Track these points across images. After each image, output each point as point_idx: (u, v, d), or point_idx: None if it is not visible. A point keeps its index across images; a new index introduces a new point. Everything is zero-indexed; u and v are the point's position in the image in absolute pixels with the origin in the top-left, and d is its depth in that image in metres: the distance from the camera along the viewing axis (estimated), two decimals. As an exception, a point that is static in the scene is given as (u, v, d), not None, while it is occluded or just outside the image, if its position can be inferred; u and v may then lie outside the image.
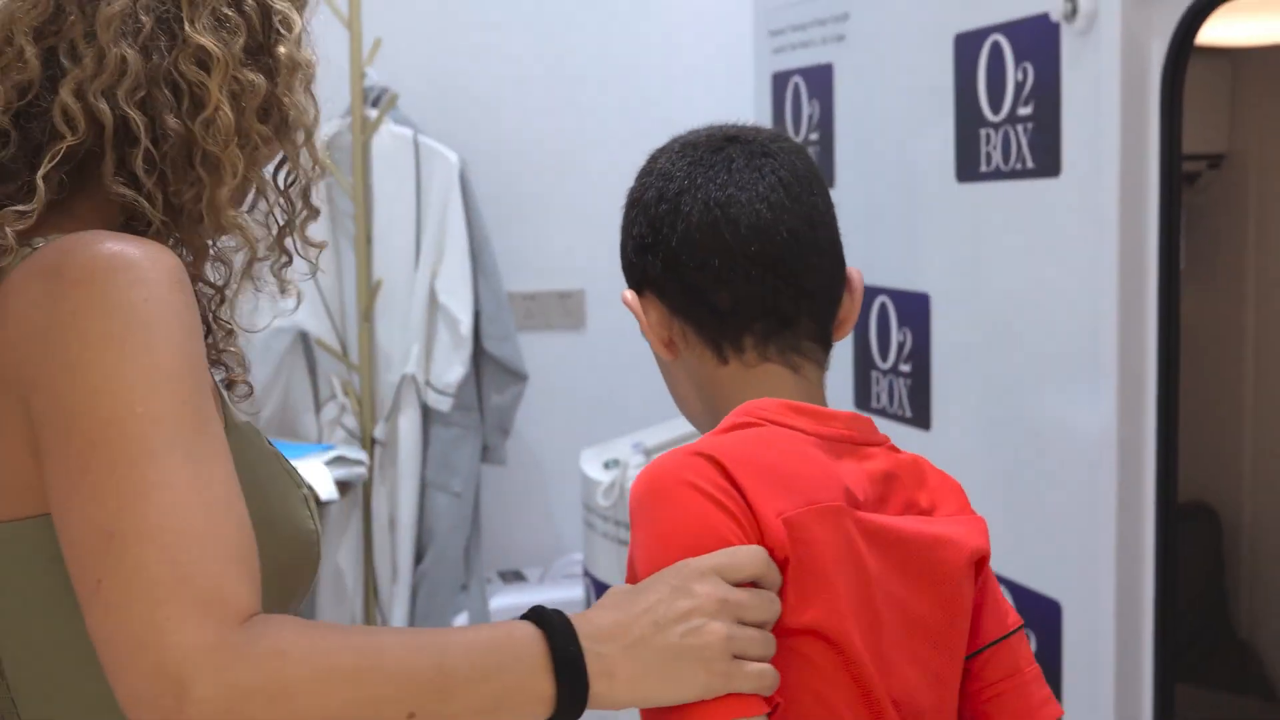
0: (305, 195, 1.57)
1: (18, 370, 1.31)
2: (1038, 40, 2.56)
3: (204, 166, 1.42)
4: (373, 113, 4.09)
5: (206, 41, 1.41)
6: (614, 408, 4.38)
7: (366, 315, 4.12)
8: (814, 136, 3.44)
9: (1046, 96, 2.54)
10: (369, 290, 4.10)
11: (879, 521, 1.73)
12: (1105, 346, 2.41)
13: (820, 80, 3.39)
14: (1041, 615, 2.66)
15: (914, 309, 3.03)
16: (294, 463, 2.82)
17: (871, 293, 3.20)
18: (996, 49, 2.68)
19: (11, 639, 1.42)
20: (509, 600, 4.25)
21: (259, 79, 1.46)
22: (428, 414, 4.20)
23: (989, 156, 2.72)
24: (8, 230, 1.32)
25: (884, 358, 3.17)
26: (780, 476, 1.69)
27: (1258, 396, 4.20)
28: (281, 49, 1.49)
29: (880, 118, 3.17)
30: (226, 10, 1.43)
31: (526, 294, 4.43)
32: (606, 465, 3.52)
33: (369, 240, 4.10)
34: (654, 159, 1.96)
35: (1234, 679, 4.13)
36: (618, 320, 4.11)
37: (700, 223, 1.80)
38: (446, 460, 4.22)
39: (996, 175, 2.71)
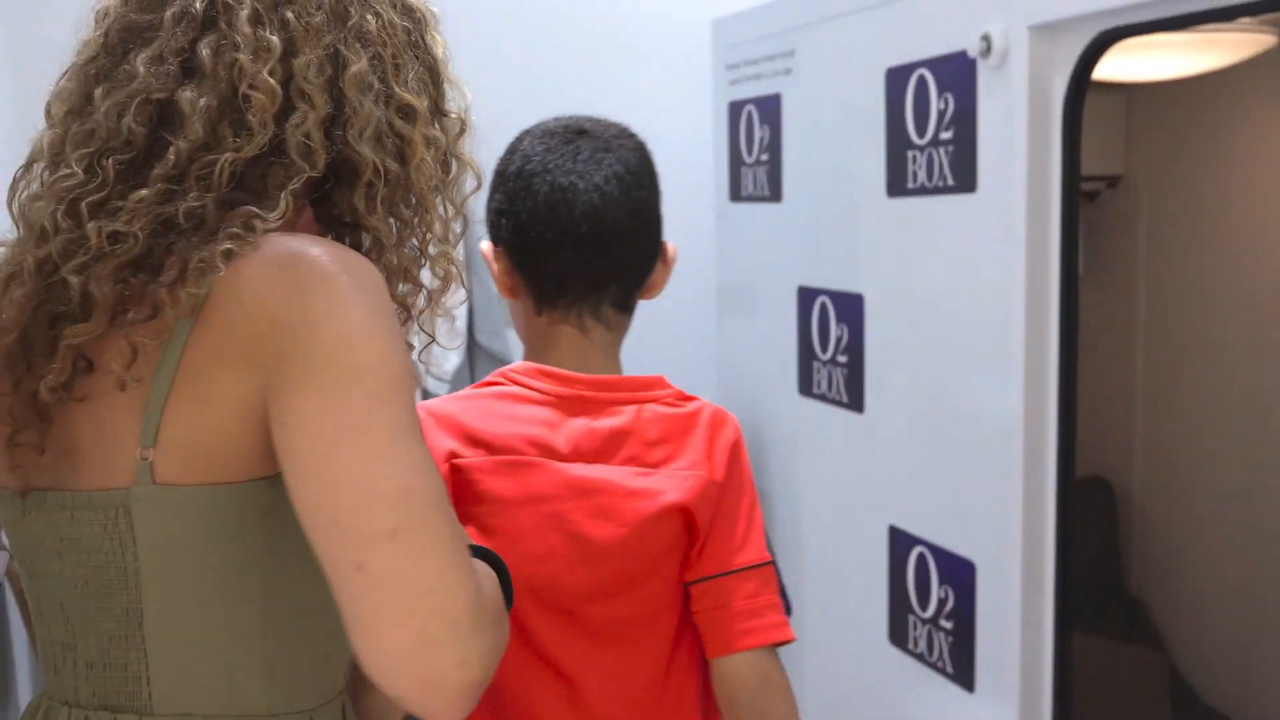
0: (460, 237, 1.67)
1: (261, 346, 1.33)
2: (957, 74, 2.58)
3: (416, 206, 1.54)
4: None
5: (411, 99, 1.52)
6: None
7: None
8: (764, 157, 3.46)
9: (964, 123, 2.57)
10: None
11: (575, 473, 1.98)
12: (1014, 341, 2.43)
13: (770, 108, 3.40)
14: (959, 573, 2.68)
15: (850, 308, 3.05)
16: None
17: (813, 293, 3.22)
18: (922, 81, 2.70)
19: (175, 599, 1.41)
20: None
21: (440, 134, 1.58)
22: (427, 396, 4.21)
23: (915, 174, 2.74)
24: (257, 229, 1.37)
25: (824, 350, 3.19)
26: (467, 432, 1.97)
27: (1146, 385, 4.27)
28: (452, 111, 1.64)
29: (822, 141, 3.20)
30: (422, 74, 1.56)
31: (515, 292, 4.44)
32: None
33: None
34: (520, 139, 2.22)
35: (1126, 630, 4.19)
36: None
37: (545, 202, 2.06)
38: (444, 436, 4.22)
39: (922, 191, 2.73)
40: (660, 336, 4.70)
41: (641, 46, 4.46)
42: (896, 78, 2.80)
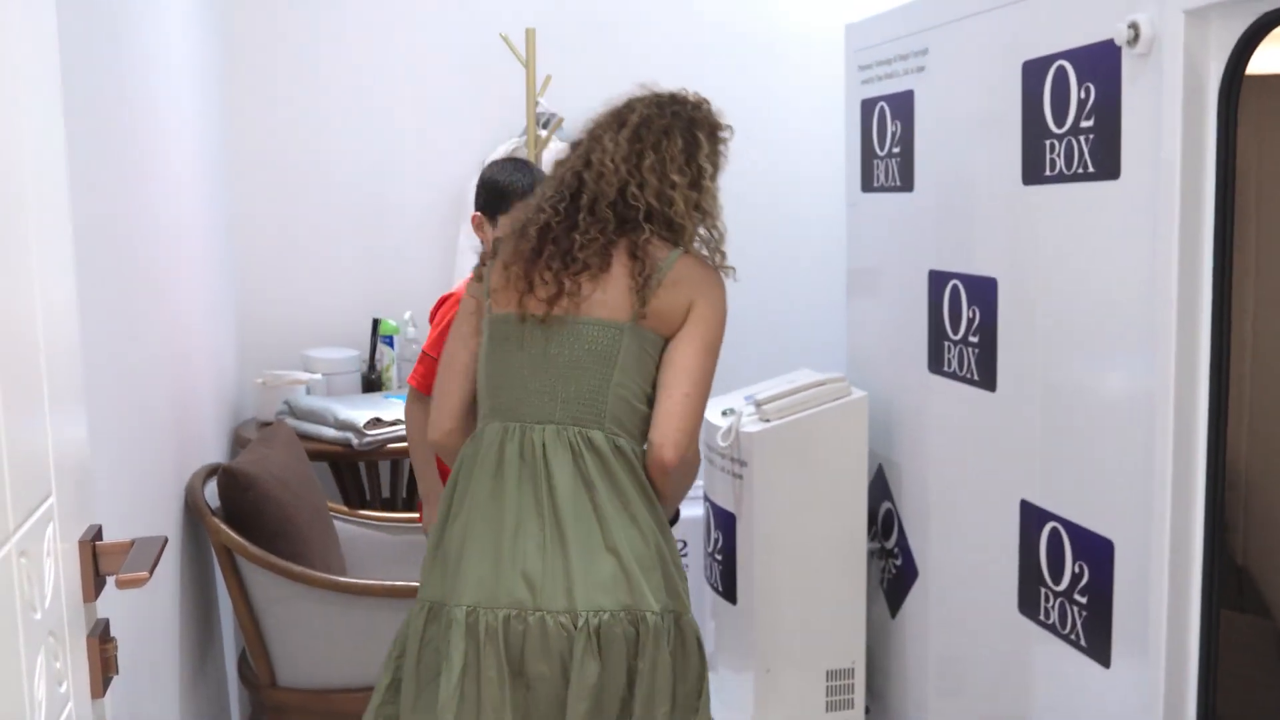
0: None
1: (692, 295, 2.13)
2: (1100, 63, 2.20)
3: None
4: (543, 133, 3.82)
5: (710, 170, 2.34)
6: (729, 368, 4.01)
7: (535, 291, 3.85)
8: (896, 150, 3.09)
9: (1107, 111, 2.19)
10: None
11: None
12: (1164, 324, 2.05)
13: (903, 104, 3.03)
14: (1095, 550, 2.32)
15: (983, 290, 2.68)
16: None
17: (944, 276, 2.86)
18: (1061, 72, 2.32)
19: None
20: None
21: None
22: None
23: (1053, 163, 2.37)
24: (679, 249, 2.19)
25: (955, 330, 2.82)
26: None
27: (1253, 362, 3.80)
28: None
29: (954, 133, 2.82)
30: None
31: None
32: (724, 413, 3.24)
33: (537, 233, 3.83)
34: (489, 166, 2.89)
35: (1234, 599, 3.77)
36: (733, 298, 3.75)
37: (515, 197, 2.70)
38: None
39: (1060, 178, 2.35)
40: (796, 316, 4.42)
41: (782, 51, 4.13)
42: (1034, 69, 2.42)
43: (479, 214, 2.80)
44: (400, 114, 3.99)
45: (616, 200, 2.14)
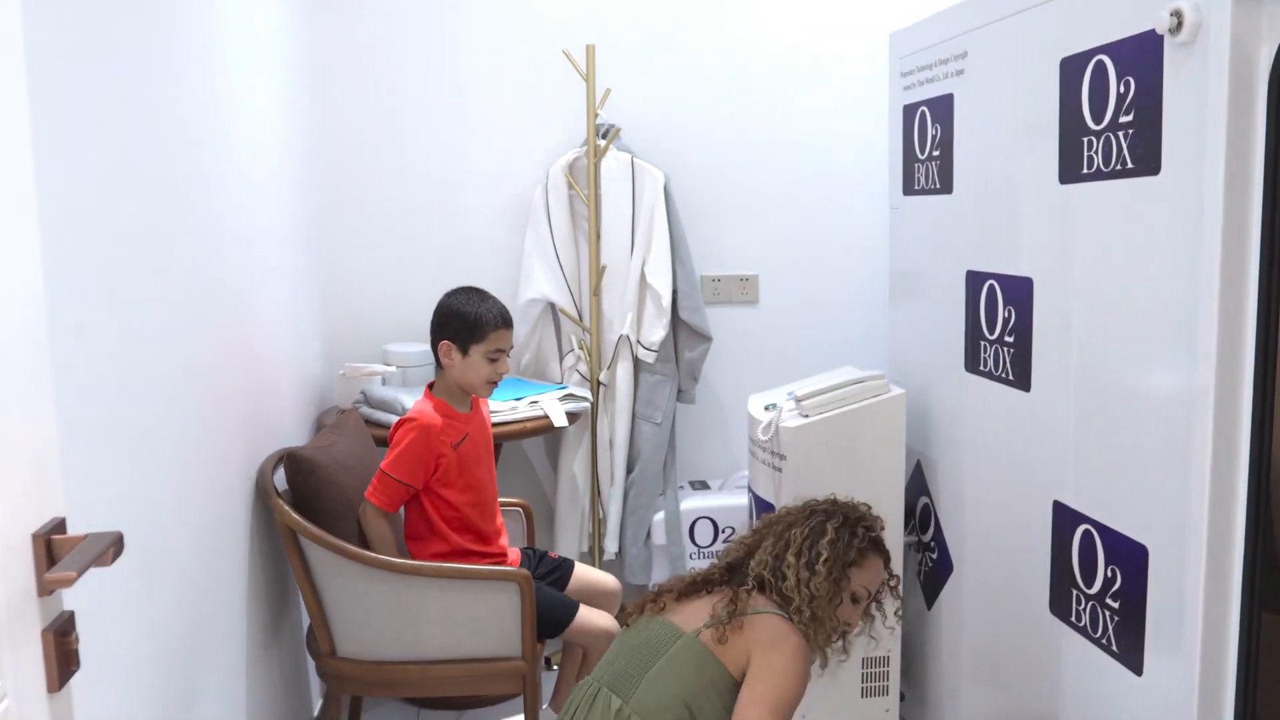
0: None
1: (759, 643, 2.02)
2: (1140, 55, 1.88)
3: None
4: (602, 142, 3.58)
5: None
6: (776, 365, 3.82)
7: (595, 290, 3.61)
8: (936, 153, 2.78)
9: (1147, 105, 1.87)
10: (597, 272, 3.59)
11: None
12: (1205, 324, 1.73)
13: (943, 107, 2.73)
14: (1129, 555, 2.00)
15: (1019, 290, 2.37)
16: (539, 396, 3.09)
17: (982, 277, 2.55)
18: (1100, 66, 2.01)
19: None
20: (695, 503, 3.70)
21: None
22: (637, 364, 3.68)
23: (1090, 160, 2.05)
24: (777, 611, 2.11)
25: (991, 330, 2.52)
26: None
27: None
28: None
29: (993, 134, 2.51)
30: None
31: (714, 277, 3.88)
32: (766, 408, 2.97)
33: (598, 236, 3.60)
34: (449, 295, 2.76)
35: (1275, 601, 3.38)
36: (782, 298, 3.49)
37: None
38: (651, 398, 3.70)
39: (1097, 176, 2.03)
40: (843, 316, 4.15)
41: (827, 61, 3.85)
42: (1072, 66, 2.11)
43: (448, 341, 2.66)
44: (472, 126, 3.77)
45: (764, 576, 2.18)
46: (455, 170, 3.78)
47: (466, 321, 2.65)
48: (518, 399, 3.37)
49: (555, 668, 3.58)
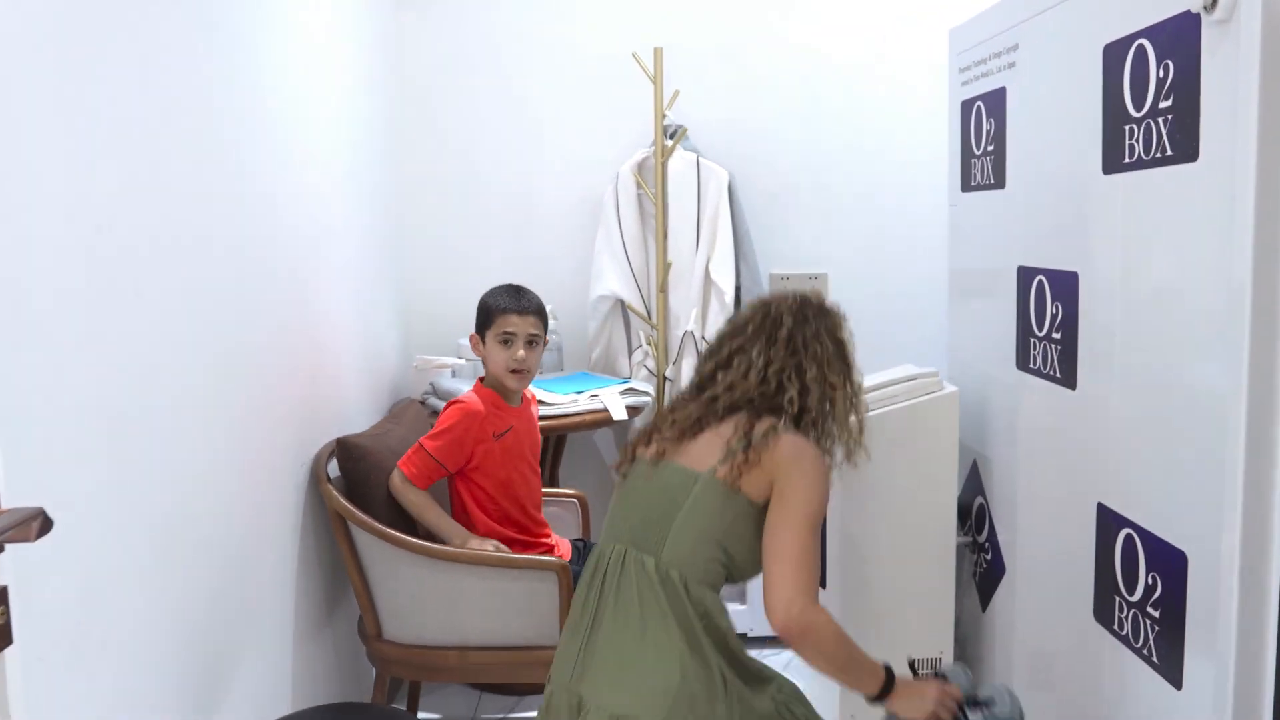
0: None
1: (776, 463, 1.83)
2: (1178, 37, 1.72)
3: None
4: (669, 143, 3.49)
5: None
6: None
7: (662, 287, 3.53)
8: (990, 148, 2.63)
9: (1185, 88, 1.71)
10: (664, 269, 3.51)
11: None
12: (1238, 319, 1.56)
13: (996, 101, 2.57)
14: (1169, 562, 1.84)
15: (1065, 285, 2.21)
16: (600, 390, 3.13)
17: (1031, 272, 2.39)
18: (1140, 51, 1.85)
19: None
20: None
21: None
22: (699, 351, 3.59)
23: (1131, 149, 1.89)
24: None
25: (1040, 327, 2.36)
26: None
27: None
28: None
29: (1041, 127, 2.35)
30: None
31: (783, 274, 3.76)
32: (821, 405, 2.84)
33: (665, 234, 3.51)
34: (488, 292, 2.70)
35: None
36: (850, 296, 3.35)
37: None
38: (715, 395, 3.60)
39: (1138, 165, 1.87)
40: (906, 315, 3.98)
41: (888, 58, 3.70)
42: (1114, 52, 1.95)
43: (475, 334, 2.68)
44: (544, 127, 3.73)
45: (755, 399, 1.95)
46: (528, 169, 3.74)
47: (481, 310, 2.65)
48: (579, 392, 3.30)
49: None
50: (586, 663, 1.87)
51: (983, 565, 2.83)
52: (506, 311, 2.60)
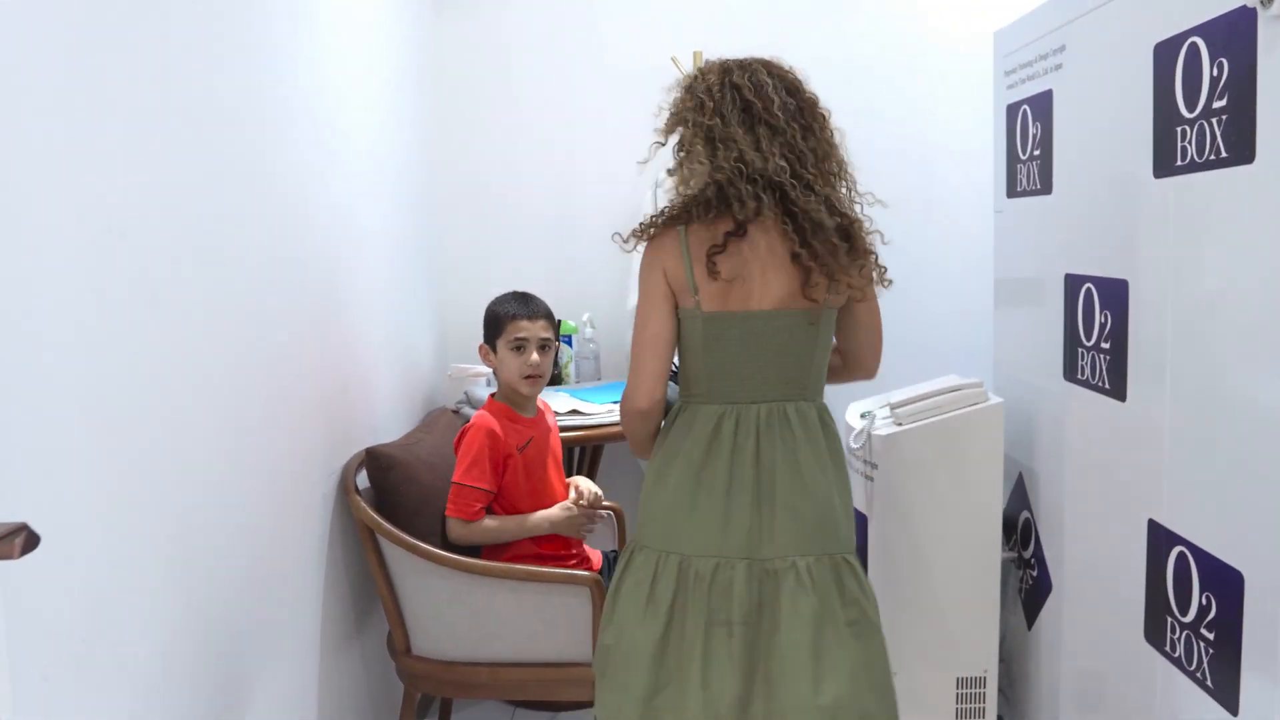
0: None
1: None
2: (1233, 34, 1.65)
3: None
4: (709, 148, 3.43)
5: None
6: (880, 374, 3.57)
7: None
8: (1036, 152, 2.56)
9: (1240, 87, 1.63)
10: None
11: None
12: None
13: (1042, 105, 2.50)
14: (1224, 581, 1.76)
15: (1114, 293, 2.14)
16: None
17: (1079, 280, 2.32)
18: (1193, 50, 1.77)
19: None
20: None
21: None
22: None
23: (1184, 151, 1.82)
24: None
25: (1088, 336, 2.28)
26: None
27: None
28: None
29: (1088, 129, 2.28)
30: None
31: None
32: (862, 415, 2.78)
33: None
34: (494, 301, 2.62)
35: None
36: (887, 306, 3.28)
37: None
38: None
39: (1191, 167, 1.80)
40: (946, 326, 3.90)
41: (933, 64, 3.63)
42: (1165, 51, 1.88)
43: (484, 345, 2.62)
44: (583, 132, 3.70)
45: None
46: (566, 174, 3.71)
47: (489, 319, 2.60)
48: (616, 402, 3.26)
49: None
50: (775, 526, 1.86)
51: (1028, 582, 2.75)
52: (516, 317, 2.56)
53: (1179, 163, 1.83)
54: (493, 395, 2.67)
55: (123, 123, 1.53)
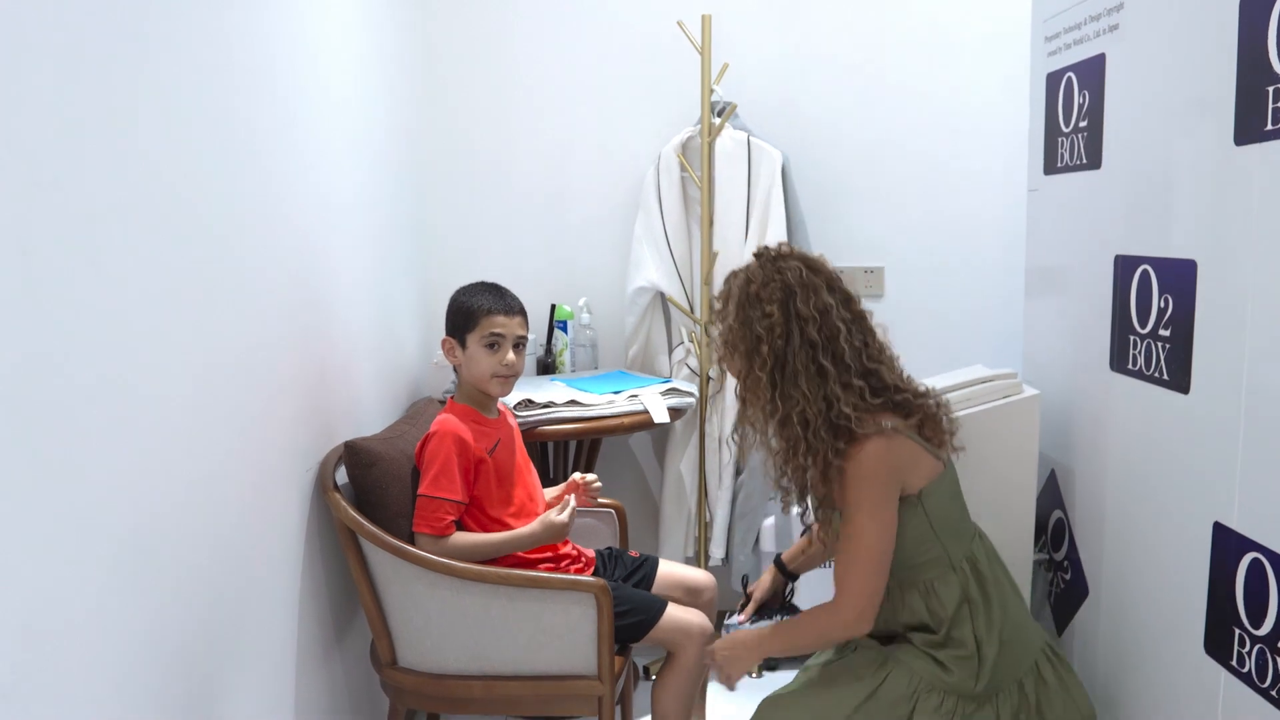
0: None
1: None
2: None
3: None
4: (717, 120, 3.25)
5: None
6: (906, 364, 3.40)
7: (707, 279, 3.29)
8: (1083, 124, 2.37)
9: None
10: (709, 259, 3.27)
11: None
12: None
13: (1092, 71, 2.31)
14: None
15: (1178, 275, 1.95)
16: (640, 390, 3.04)
17: (1133, 262, 2.14)
18: (1291, -2, 1.59)
19: None
20: (806, 509, 3.33)
21: None
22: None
23: (1276, 113, 1.63)
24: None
25: (1143, 323, 2.10)
26: None
27: None
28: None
29: (1153, 94, 2.08)
30: None
31: (837, 269, 3.50)
32: (884, 408, 2.59)
33: (711, 220, 3.27)
34: (463, 291, 2.42)
35: None
36: (910, 291, 3.09)
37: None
38: (762, 396, 3.36)
39: (1283, 132, 1.61)
40: (971, 314, 3.72)
41: (960, 31, 3.44)
42: (1255, 3, 1.69)
43: (450, 339, 2.40)
44: (580, 105, 3.49)
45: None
46: (562, 150, 3.51)
47: (458, 312, 2.38)
48: (616, 392, 3.06)
49: (655, 677, 3.27)
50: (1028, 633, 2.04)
51: (1060, 585, 2.57)
52: (492, 312, 2.35)
53: (1269, 127, 1.65)
54: (452, 397, 2.46)
55: (83, 86, 1.33)
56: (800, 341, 1.88)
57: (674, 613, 2.38)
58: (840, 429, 1.90)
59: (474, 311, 2.36)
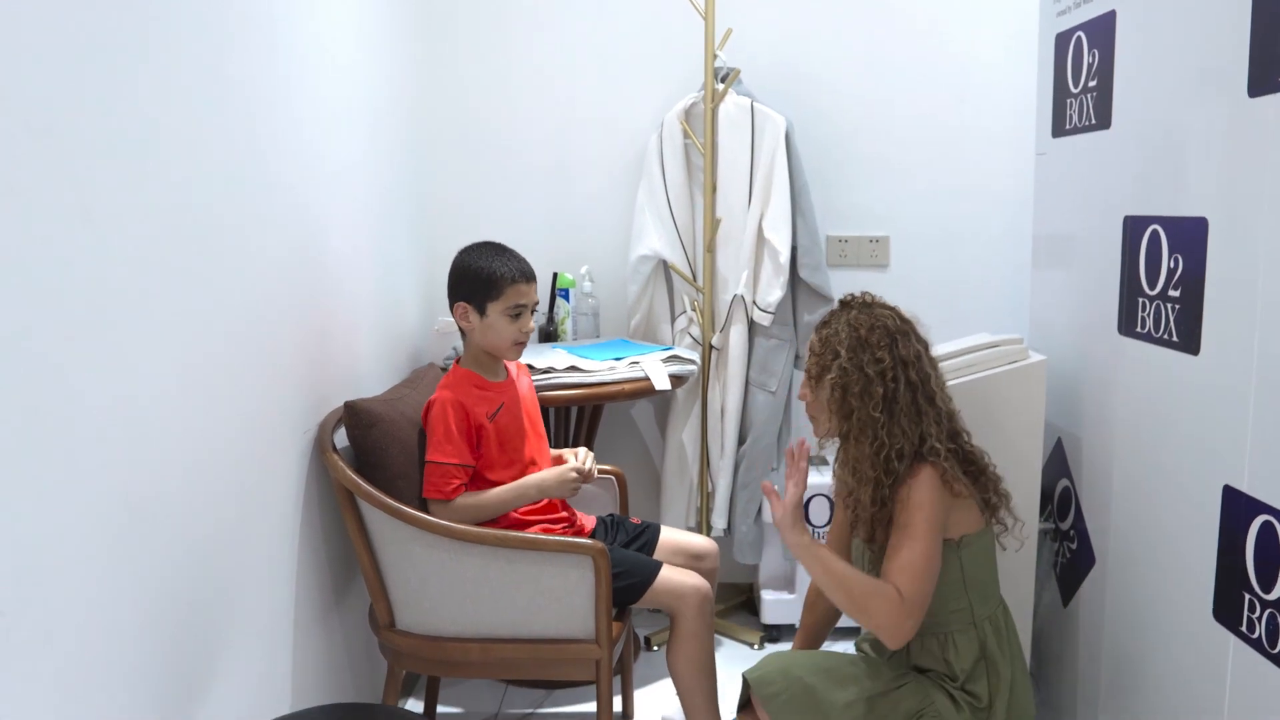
0: None
1: None
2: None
3: None
4: (720, 86, 3.21)
5: None
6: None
7: (709, 246, 3.26)
8: (1092, 84, 2.33)
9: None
10: (712, 226, 3.24)
11: None
12: None
13: (1102, 29, 2.27)
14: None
15: (1188, 234, 1.92)
16: (641, 357, 3.01)
17: (1143, 222, 2.10)
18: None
19: None
20: (811, 479, 3.28)
21: None
22: (753, 327, 3.32)
23: (1292, 62, 1.59)
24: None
25: (1152, 284, 2.07)
26: None
27: None
28: None
29: (1164, 48, 2.04)
30: None
31: (841, 238, 3.48)
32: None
33: (714, 187, 3.24)
34: (463, 253, 2.41)
35: None
36: (915, 262, 3.05)
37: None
38: (766, 364, 3.33)
39: (1300, 81, 1.58)
40: (978, 284, 3.68)
41: (962, 2, 3.39)
42: (1269, -50, 1.65)
43: (464, 304, 2.34)
44: (583, 72, 3.45)
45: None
46: (564, 116, 3.47)
47: (480, 278, 2.33)
48: (618, 359, 3.04)
49: (656, 648, 3.26)
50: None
51: (1065, 555, 2.55)
52: (517, 280, 2.32)
53: (1284, 77, 1.61)
54: (458, 361, 2.44)
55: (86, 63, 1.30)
56: (905, 383, 1.99)
57: (669, 574, 2.36)
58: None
59: (498, 280, 2.32)
